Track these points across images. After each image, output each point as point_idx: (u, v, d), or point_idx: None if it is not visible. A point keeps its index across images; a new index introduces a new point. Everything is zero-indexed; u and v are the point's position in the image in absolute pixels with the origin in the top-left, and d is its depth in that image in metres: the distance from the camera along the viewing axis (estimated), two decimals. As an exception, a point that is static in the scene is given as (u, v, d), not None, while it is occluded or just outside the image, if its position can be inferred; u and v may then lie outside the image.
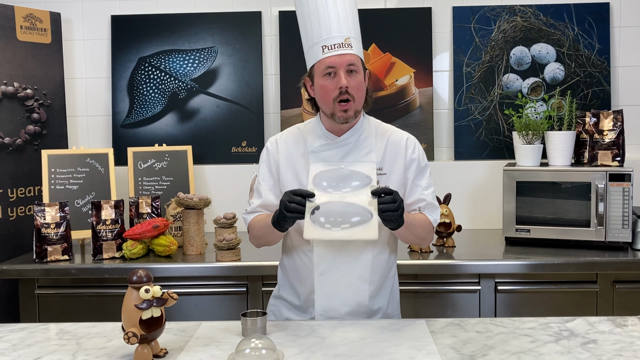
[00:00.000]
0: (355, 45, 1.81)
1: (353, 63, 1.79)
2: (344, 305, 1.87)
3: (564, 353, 1.52)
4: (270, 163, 1.93)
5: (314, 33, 1.82)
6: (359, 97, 1.82)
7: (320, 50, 1.80)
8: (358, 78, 1.80)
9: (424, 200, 1.90)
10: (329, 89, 1.79)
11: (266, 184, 1.92)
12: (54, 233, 2.66)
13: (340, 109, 1.80)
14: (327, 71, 1.79)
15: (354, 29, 1.84)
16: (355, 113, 1.82)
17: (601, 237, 2.67)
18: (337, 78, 1.78)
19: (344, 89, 1.77)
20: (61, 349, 1.61)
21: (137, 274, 1.49)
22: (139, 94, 3.26)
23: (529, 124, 2.86)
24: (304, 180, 1.87)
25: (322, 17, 1.80)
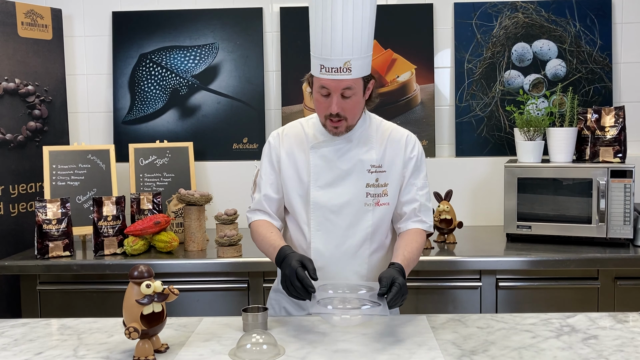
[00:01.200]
0: (355, 68, 1.71)
1: (349, 87, 1.74)
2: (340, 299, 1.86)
3: (564, 349, 1.52)
4: (272, 157, 1.93)
5: (315, 45, 1.74)
6: (352, 116, 1.81)
7: (318, 68, 1.73)
8: (353, 99, 1.77)
9: (417, 200, 1.90)
10: (322, 106, 1.79)
11: (267, 178, 1.92)
12: (56, 229, 2.66)
13: (330, 125, 1.81)
14: (322, 92, 1.77)
15: (359, 49, 1.71)
16: (347, 128, 1.82)
17: (602, 233, 2.67)
18: (330, 100, 1.76)
19: (334, 113, 1.76)
20: (62, 344, 1.62)
21: (138, 269, 1.49)
22: (140, 91, 3.26)
23: (531, 121, 2.85)
24: (304, 176, 1.87)
25: (325, 35, 1.69)
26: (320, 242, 1.86)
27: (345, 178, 1.86)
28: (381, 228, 1.88)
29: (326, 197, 1.85)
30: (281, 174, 1.91)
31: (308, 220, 1.87)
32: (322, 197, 1.86)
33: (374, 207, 1.86)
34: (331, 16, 1.68)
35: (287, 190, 1.91)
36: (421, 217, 1.90)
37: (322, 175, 1.86)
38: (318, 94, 1.78)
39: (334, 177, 1.86)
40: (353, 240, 1.86)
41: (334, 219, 1.85)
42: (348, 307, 1.60)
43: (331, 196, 1.85)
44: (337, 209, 1.85)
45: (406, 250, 1.80)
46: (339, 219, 1.85)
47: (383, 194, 1.86)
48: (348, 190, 1.85)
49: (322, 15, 1.69)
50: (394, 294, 1.59)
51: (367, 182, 1.85)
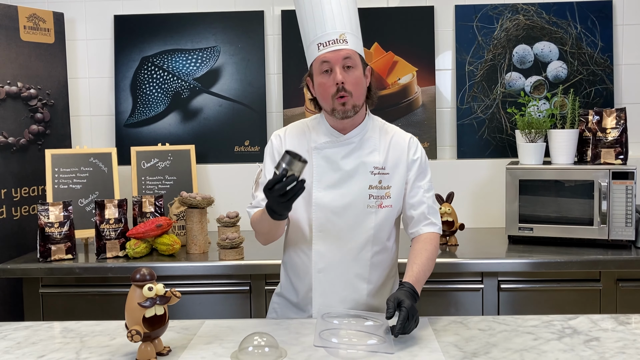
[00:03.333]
0: (351, 41, 1.81)
1: (349, 56, 1.78)
2: (342, 303, 1.87)
3: (566, 351, 1.52)
4: (275, 156, 1.91)
5: (309, 32, 1.83)
6: (357, 92, 1.81)
7: (316, 48, 1.80)
8: (355, 73, 1.79)
9: (424, 203, 1.90)
10: (327, 85, 1.79)
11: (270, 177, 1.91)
12: (58, 232, 2.66)
13: (338, 103, 1.79)
14: (324, 68, 1.79)
15: (350, 25, 1.83)
16: (354, 108, 1.81)
17: (604, 235, 2.66)
18: (333, 74, 1.77)
19: (340, 84, 1.77)
20: (65, 347, 1.62)
21: (140, 272, 1.50)
22: (142, 94, 3.27)
23: (532, 122, 2.86)
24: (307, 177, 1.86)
25: (317, 15, 1.81)
26: (322, 244, 1.86)
27: (348, 180, 1.86)
28: (384, 230, 1.88)
29: (328, 198, 1.85)
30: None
31: (309, 221, 1.87)
32: (324, 198, 1.85)
33: (376, 209, 1.86)
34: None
35: None
36: (431, 219, 1.90)
37: (325, 176, 1.86)
38: (320, 76, 1.81)
39: (337, 178, 1.86)
40: (355, 242, 1.86)
41: (336, 220, 1.85)
42: (353, 340, 1.56)
43: (334, 197, 1.85)
44: (340, 210, 1.85)
45: (415, 263, 1.80)
46: (341, 220, 1.85)
47: (386, 196, 1.86)
48: (351, 192, 1.85)
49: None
50: (402, 321, 1.57)
51: (370, 184, 1.85)
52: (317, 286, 1.87)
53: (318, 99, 1.87)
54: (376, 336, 1.57)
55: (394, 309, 1.60)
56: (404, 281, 1.74)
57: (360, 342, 1.54)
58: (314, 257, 1.86)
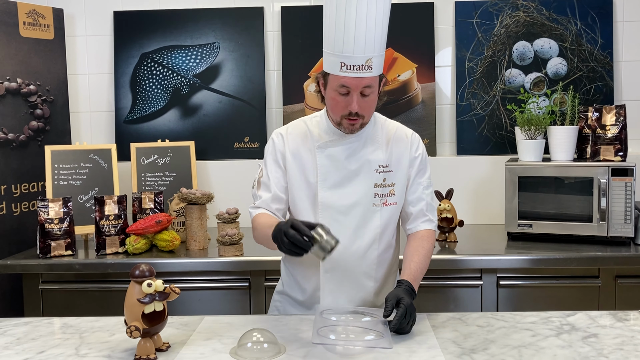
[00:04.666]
0: (376, 65, 1.70)
1: (369, 85, 1.72)
2: (350, 301, 1.87)
3: (564, 347, 1.52)
4: (277, 155, 1.89)
5: (335, 43, 1.69)
6: (369, 114, 1.79)
7: (338, 66, 1.69)
8: (371, 98, 1.76)
9: (423, 200, 1.90)
10: (340, 105, 1.76)
11: (274, 176, 1.88)
12: (58, 228, 2.67)
13: (347, 123, 1.78)
14: (342, 91, 1.73)
15: (380, 46, 1.70)
16: (362, 126, 1.80)
17: (603, 232, 2.67)
18: (349, 99, 1.73)
19: (354, 112, 1.74)
20: (64, 342, 1.62)
21: (139, 269, 1.50)
22: (141, 90, 3.27)
23: (532, 119, 2.85)
24: (311, 176, 1.86)
25: (347, 32, 1.66)
26: None
27: (354, 178, 1.85)
28: (389, 228, 1.88)
29: (334, 197, 1.84)
30: (287, 174, 1.88)
31: (316, 221, 1.83)
32: (330, 197, 1.84)
33: (381, 208, 1.85)
34: (356, 12, 1.64)
35: (292, 191, 1.88)
36: (429, 216, 1.90)
37: (330, 175, 1.84)
38: (335, 92, 1.74)
39: (342, 177, 1.84)
40: (362, 242, 1.85)
41: (343, 220, 1.84)
42: (351, 336, 1.56)
43: (339, 197, 1.84)
44: (346, 209, 1.84)
45: (413, 261, 1.80)
46: (348, 219, 1.84)
47: (390, 193, 1.86)
48: (356, 191, 1.84)
49: (344, 11, 1.65)
50: (399, 317, 1.58)
51: (375, 182, 1.84)
52: (325, 286, 1.87)
53: (327, 106, 1.84)
54: (374, 332, 1.57)
55: (392, 307, 1.61)
56: (402, 279, 1.74)
57: (358, 338, 1.54)
58: None
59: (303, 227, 1.52)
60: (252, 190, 1.95)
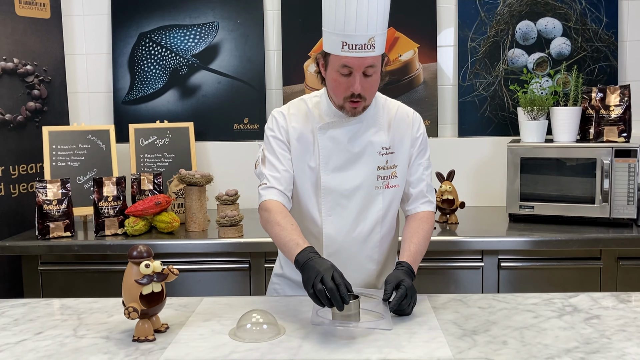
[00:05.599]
0: (378, 44, 1.65)
1: (372, 65, 1.67)
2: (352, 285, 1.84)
3: (566, 328, 1.51)
4: (281, 132, 1.82)
5: (336, 22, 1.64)
6: (371, 95, 1.75)
7: (340, 45, 1.64)
8: (374, 78, 1.71)
9: (423, 181, 1.88)
10: (342, 86, 1.71)
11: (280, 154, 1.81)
12: (56, 210, 2.65)
13: (350, 106, 1.73)
14: (343, 71, 1.68)
15: (382, 24, 1.66)
16: (364, 108, 1.76)
17: (606, 213, 2.65)
18: (352, 80, 1.68)
19: (356, 93, 1.70)
20: (62, 324, 1.61)
21: (137, 249, 1.48)
22: (139, 70, 3.23)
23: (534, 100, 2.82)
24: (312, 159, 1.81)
25: (349, 9, 1.61)
26: (332, 228, 1.82)
27: (356, 161, 1.81)
28: (391, 211, 1.86)
29: (337, 181, 1.81)
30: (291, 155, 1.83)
31: (318, 205, 1.82)
32: (332, 181, 1.81)
33: (384, 190, 1.83)
34: None
35: (296, 173, 1.83)
36: (429, 197, 1.88)
37: (332, 158, 1.81)
38: (337, 73, 1.69)
39: (344, 160, 1.81)
40: (365, 225, 1.83)
41: (346, 203, 1.81)
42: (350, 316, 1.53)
43: (342, 180, 1.81)
44: (349, 193, 1.81)
45: (413, 242, 1.78)
46: (351, 203, 1.81)
47: (392, 175, 1.83)
48: (359, 174, 1.81)
49: None
50: (398, 298, 1.56)
51: (378, 165, 1.81)
52: None
53: (327, 87, 1.79)
54: (374, 313, 1.56)
55: (392, 289, 1.59)
56: (401, 260, 1.72)
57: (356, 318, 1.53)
58: (325, 241, 1.82)
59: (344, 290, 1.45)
60: (256, 170, 1.88)
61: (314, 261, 1.53)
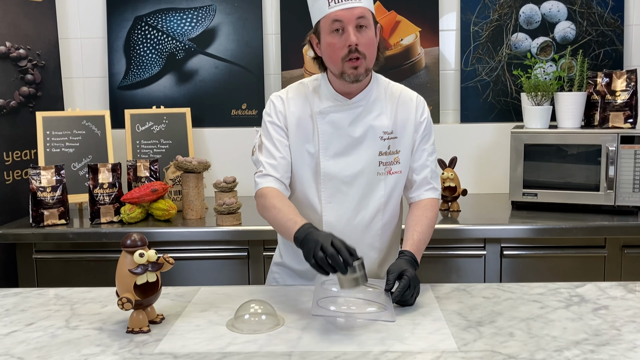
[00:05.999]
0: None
1: (363, 16, 1.64)
2: None
3: (574, 319, 1.46)
4: (279, 118, 1.78)
5: None
6: (371, 54, 1.69)
7: (326, 4, 1.64)
8: (369, 34, 1.67)
9: (427, 167, 1.82)
10: (337, 47, 1.66)
11: (278, 140, 1.76)
12: (50, 197, 2.60)
13: (350, 65, 1.67)
14: (335, 27, 1.64)
15: None
16: (367, 71, 1.70)
17: (610, 201, 2.60)
18: (346, 35, 1.64)
19: (354, 46, 1.64)
20: (55, 314, 1.56)
21: (131, 238, 1.43)
22: (135, 55, 3.17)
23: (538, 85, 2.76)
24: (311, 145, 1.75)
25: None
26: (332, 215, 1.77)
27: (357, 146, 1.76)
28: (393, 198, 1.81)
29: (337, 167, 1.76)
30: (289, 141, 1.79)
31: (318, 192, 1.77)
32: (332, 167, 1.76)
33: (386, 176, 1.78)
34: None
35: (294, 159, 1.78)
36: (433, 184, 1.83)
37: (332, 143, 1.75)
38: (330, 35, 1.66)
39: (344, 145, 1.75)
40: (366, 212, 1.78)
41: (347, 190, 1.76)
42: (353, 307, 1.50)
43: (343, 166, 1.76)
44: (349, 179, 1.76)
45: (416, 231, 1.73)
46: (352, 190, 1.76)
47: (395, 161, 1.78)
48: (360, 159, 1.76)
49: None
50: (401, 289, 1.51)
51: (380, 150, 1.76)
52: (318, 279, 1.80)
53: (325, 60, 1.74)
54: (376, 304, 1.51)
55: (394, 280, 1.54)
56: (404, 249, 1.68)
57: (359, 310, 1.48)
58: (325, 229, 1.77)
59: (345, 252, 1.42)
60: (253, 157, 1.84)
61: (312, 234, 1.49)
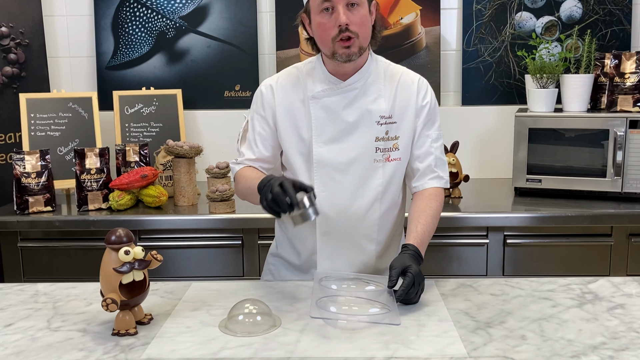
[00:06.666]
0: None
1: None
2: (349, 266, 1.72)
3: (589, 320, 1.38)
4: (265, 109, 1.72)
5: None
6: (364, 33, 1.60)
7: None
8: (361, 12, 1.57)
9: (431, 154, 1.72)
10: (327, 27, 1.57)
11: (259, 135, 1.72)
12: (35, 183, 2.49)
13: (341, 45, 1.57)
14: (324, 5, 1.55)
15: None
16: (360, 50, 1.60)
17: (617, 187, 2.51)
18: (336, 14, 1.55)
19: (344, 26, 1.55)
20: (36, 313, 1.47)
21: (115, 234, 1.33)
22: (124, 34, 3.03)
23: (544, 67, 2.65)
24: (304, 131, 1.68)
25: None
26: (326, 205, 1.68)
27: (352, 132, 1.66)
28: (392, 186, 1.71)
29: (331, 154, 1.67)
30: (278, 130, 1.71)
31: (311, 180, 1.69)
32: (326, 154, 1.67)
33: (384, 164, 1.68)
34: None
35: (286, 148, 1.71)
36: (438, 172, 1.72)
37: (325, 129, 1.67)
38: (321, 14, 1.57)
39: (338, 131, 1.66)
40: (362, 201, 1.69)
41: (341, 178, 1.67)
42: (354, 308, 1.41)
43: (336, 153, 1.67)
44: (344, 167, 1.67)
45: (420, 223, 1.63)
46: (346, 178, 1.67)
47: (394, 147, 1.68)
48: (355, 146, 1.67)
49: None
50: (405, 287, 1.42)
51: (377, 136, 1.66)
52: (322, 249, 1.72)
53: (316, 40, 1.65)
54: (379, 303, 1.42)
55: (397, 277, 1.45)
56: (407, 243, 1.58)
57: (362, 311, 1.39)
58: (318, 220, 1.69)
59: (290, 190, 1.40)
60: (237, 144, 1.80)
61: (269, 179, 1.45)
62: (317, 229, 1.71)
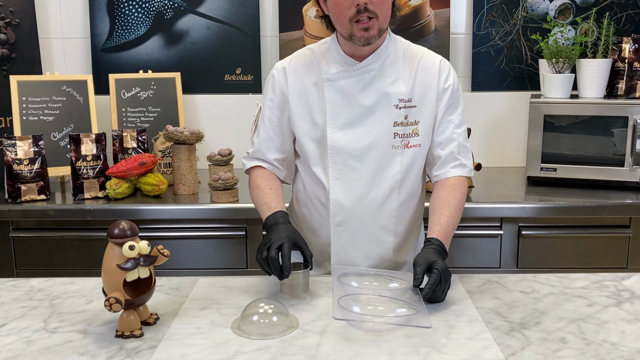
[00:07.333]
0: None
1: None
2: (365, 259, 1.62)
3: (631, 321, 1.28)
4: (277, 95, 1.62)
5: None
6: (384, 13, 1.49)
7: None
8: None
9: (454, 140, 1.61)
10: (344, 6, 1.46)
11: (270, 121, 1.63)
12: (28, 170, 2.36)
13: (359, 27, 1.47)
14: None
15: None
16: (380, 32, 1.50)
17: (636, 177, 2.43)
18: None
19: (362, 5, 1.44)
20: (31, 312, 1.35)
21: (119, 227, 1.22)
22: (120, 14, 2.89)
23: (560, 51, 2.54)
24: (318, 116, 1.58)
25: None
26: (340, 193, 1.59)
27: (368, 116, 1.56)
28: (411, 174, 1.61)
29: (346, 139, 1.57)
30: (291, 115, 1.61)
31: (325, 167, 1.59)
32: (341, 139, 1.57)
33: (402, 150, 1.58)
34: None
35: (298, 134, 1.62)
36: (461, 160, 1.62)
37: (341, 113, 1.56)
38: None
39: (354, 115, 1.56)
40: (379, 190, 1.59)
41: (357, 165, 1.57)
42: (380, 308, 1.30)
43: (352, 138, 1.57)
44: (360, 153, 1.57)
45: (443, 215, 1.53)
46: (362, 165, 1.57)
47: (413, 133, 1.58)
48: (372, 131, 1.56)
49: None
50: (432, 285, 1.32)
51: (395, 121, 1.56)
52: (336, 241, 1.62)
53: (332, 19, 1.54)
54: (405, 303, 1.32)
55: (423, 274, 1.35)
56: (431, 237, 1.48)
57: (388, 312, 1.29)
58: (332, 209, 1.59)
59: (287, 259, 1.38)
60: (250, 133, 1.71)
61: (273, 230, 1.46)
62: (331, 219, 1.61)
